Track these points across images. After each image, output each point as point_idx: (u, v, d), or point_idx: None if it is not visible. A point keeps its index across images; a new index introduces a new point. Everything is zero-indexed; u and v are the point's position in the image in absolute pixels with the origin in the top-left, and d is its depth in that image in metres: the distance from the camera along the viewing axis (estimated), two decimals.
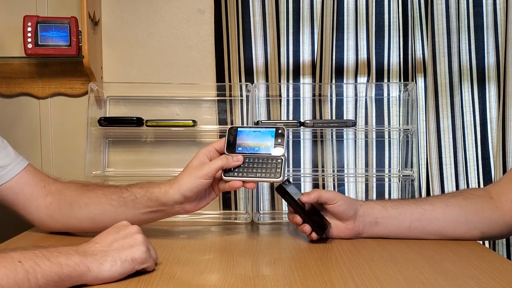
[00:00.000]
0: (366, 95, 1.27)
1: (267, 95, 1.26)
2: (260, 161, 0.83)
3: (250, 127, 0.88)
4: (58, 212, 0.89)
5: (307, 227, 0.87)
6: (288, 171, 1.26)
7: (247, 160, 0.84)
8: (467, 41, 1.26)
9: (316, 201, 0.88)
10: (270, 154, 0.84)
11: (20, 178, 0.88)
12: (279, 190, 0.88)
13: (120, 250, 0.67)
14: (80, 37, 1.18)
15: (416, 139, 1.22)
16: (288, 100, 1.27)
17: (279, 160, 0.83)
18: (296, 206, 0.88)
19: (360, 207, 0.89)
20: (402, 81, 1.25)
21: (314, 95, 1.26)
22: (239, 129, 0.87)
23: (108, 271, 0.64)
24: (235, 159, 0.84)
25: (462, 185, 1.24)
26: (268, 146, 0.84)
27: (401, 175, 1.25)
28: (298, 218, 0.88)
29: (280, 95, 1.27)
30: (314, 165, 1.27)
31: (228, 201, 1.26)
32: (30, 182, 0.89)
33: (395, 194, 1.27)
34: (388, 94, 1.27)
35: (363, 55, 1.26)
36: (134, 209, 0.85)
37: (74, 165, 1.28)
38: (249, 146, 0.85)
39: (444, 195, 0.95)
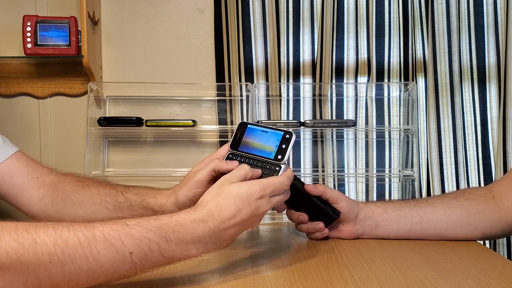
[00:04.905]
0: (366, 95, 1.27)
1: (267, 95, 1.26)
2: (259, 164, 0.78)
3: (259, 126, 0.82)
4: (51, 207, 0.85)
5: (321, 224, 0.87)
6: None
7: (246, 161, 0.79)
8: (467, 41, 1.26)
9: (319, 195, 0.87)
10: (271, 159, 0.78)
11: (8, 165, 0.83)
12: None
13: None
14: (79, 36, 1.18)
15: (416, 139, 1.22)
16: (288, 100, 1.27)
17: (277, 168, 0.77)
18: (304, 199, 0.86)
19: (361, 211, 0.88)
20: (402, 81, 1.25)
21: (314, 95, 1.26)
22: (248, 125, 0.82)
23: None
24: (229, 164, 0.77)
25: (463, 185, 1.24)
26: (271, 150, 0.79)
27: (401, 175, 1.25)
28: (304, 217, 0.88)
29: (280, 95, 1.26)
30: (314, 165, 1.27)
31: None
32: (21, 171, 0.84)
33: (395, 194, 1.27)
34: (389, 94, 1.27)
35: (363, 54, 1.26)
36: (129, 214, 0.83)
37: (73, 165, 1.28)
38: (253, 147, 0.80)
39: (445, 195, 0.94)
